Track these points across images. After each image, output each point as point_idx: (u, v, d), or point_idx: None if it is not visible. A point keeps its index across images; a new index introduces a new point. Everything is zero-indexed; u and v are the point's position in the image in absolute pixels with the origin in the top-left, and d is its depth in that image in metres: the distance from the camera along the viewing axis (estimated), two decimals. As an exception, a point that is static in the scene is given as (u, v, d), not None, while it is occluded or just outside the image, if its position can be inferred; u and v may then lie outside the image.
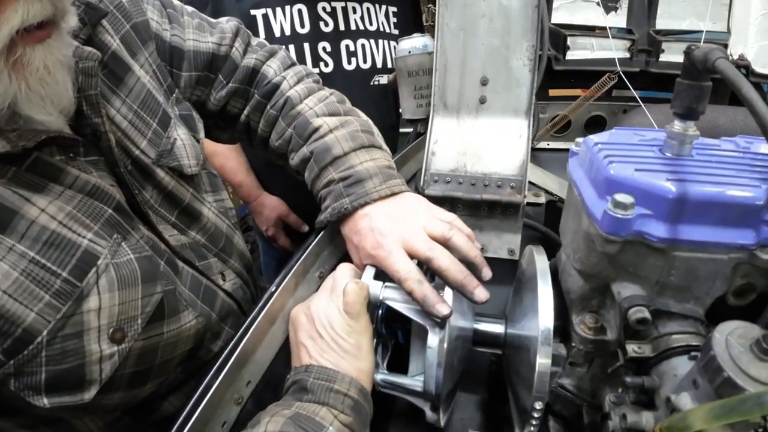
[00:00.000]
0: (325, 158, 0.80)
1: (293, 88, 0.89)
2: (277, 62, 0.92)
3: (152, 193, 0.70)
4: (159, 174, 0.71)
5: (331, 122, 0.84)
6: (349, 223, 0.76)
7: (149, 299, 0.62)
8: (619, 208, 0.49)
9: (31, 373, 0.53)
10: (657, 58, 1.42)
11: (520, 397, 0.62)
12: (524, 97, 0.96)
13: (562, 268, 0.67)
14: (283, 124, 0.87)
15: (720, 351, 0.38)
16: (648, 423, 0.46)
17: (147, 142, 0.69)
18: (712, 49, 0.47)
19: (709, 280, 0.52)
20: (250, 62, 0.88)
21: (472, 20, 0.95)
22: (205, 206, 0.81)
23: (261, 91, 0.89)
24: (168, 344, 0.66)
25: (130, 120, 0.67)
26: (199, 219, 0.79)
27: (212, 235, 0.82)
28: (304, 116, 0.85)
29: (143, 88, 0.70)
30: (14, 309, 0.51)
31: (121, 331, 0.58)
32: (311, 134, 0.84)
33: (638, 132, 0.63)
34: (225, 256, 0.84)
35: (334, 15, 1.35)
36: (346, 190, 0.76)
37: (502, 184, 0.93)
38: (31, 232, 0.53)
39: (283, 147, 0.88)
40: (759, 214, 0.49)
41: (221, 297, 0.80)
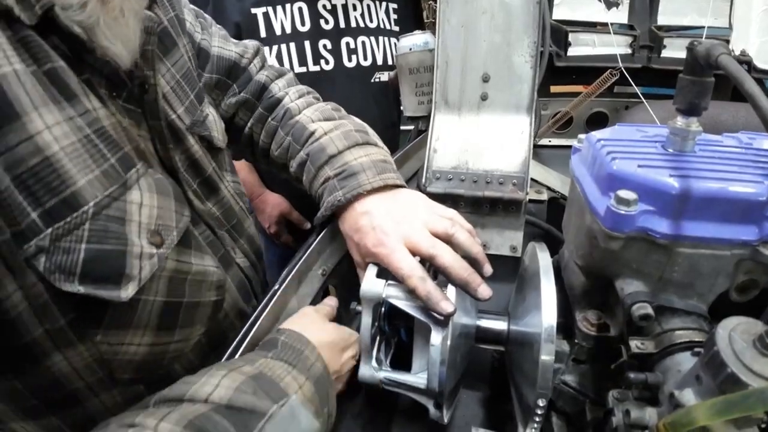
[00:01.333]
0: (321, 158, 0.83)
1: (294, 102, 0.95)
2: (283, 81, 0.99)
3: (181, 157, 0.71)
4: (190, 140, 0.73)
5: (326, 126, 0.88)
6: (349, 221, 0.76)
7: (181, 217, 0.62)
8: (621, 204, 0.49)
9: (68, 250, 0.49)
10: (659, 54, 1.42)
11: (524, 394, 0.62)
12: (526, 93, 0.95)
13: (564, 264, 0.67)
14: (282, 133, 0.92)
15: (723, 347, 0.38)
16: (651, 419, 0.46)
17: (184, 109, 0.73)
18: (714, 45, 0.47)
19: (712, 277, 0.51)
20: (261, 78, 0.95)
21: (474, 16, 0.95)
22: (223, 183, 0.83)
23: (265, 103, 0.95)
24: (194, 282, 0.64)
25: (172, 86, 0.71)
26: (218, 193, 0.80)
27: (227, 212, 0.82)
28: (301, 123, 0.90)
29: (185, 63, 0.75)
30: (68, 168, 0.48)
31: (159, 236, 0.57)
32: (307, 138, 0.87)
33: (641, 128, 0.63)
34: (236, 234, 0.85)
35: (334, 12, 1.35)
36: (340, 183, 0.78)
37: (504, 181, 0.92)
38: (87, 117, 0.52)
39: (283, 155, 0.92)
40: (762, 210, 0.48)
41: (235, 268, 0.81)
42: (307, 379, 0.58)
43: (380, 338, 0.72)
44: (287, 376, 0.56)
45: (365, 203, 0.75)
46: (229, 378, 0.52)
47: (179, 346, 0.64)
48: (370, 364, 0.69)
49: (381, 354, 0.72)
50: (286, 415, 0.52)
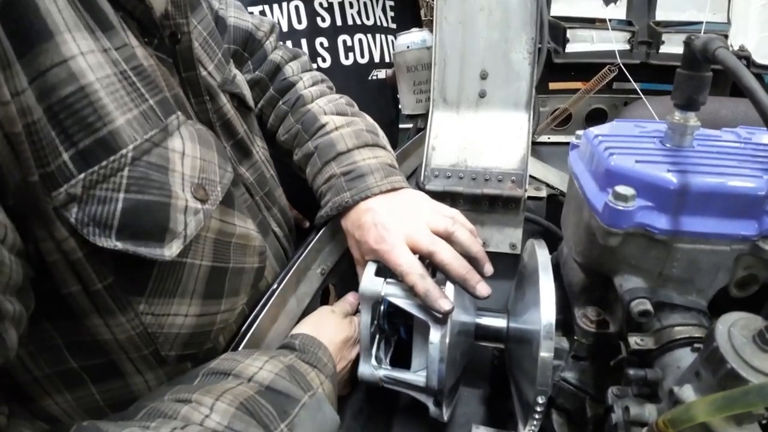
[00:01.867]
0: (329, 153, 0.82)
1: (308, 89, 0.94)
2: (297, 64, 0.97)
3: (214, 115, 0.67)
4: (222, 98, 0.70)
5: (337, 120, 0.87)
6: (352, 218, 0.76)
7: (224, 173, 0.57)
8: (620, 200, 0.49)
9: (103, 199, 0.42)
10: (657, 50, 1.42)
11: (523, 391, 0.62)
12: (524, 90, 0.95)
13: (563, 261, 0.67)
14: (292, 120, 0.91)
15: (723, 342, 0.38)
16: (651, 415, 0.46)
17: (214, 66, 0.70)
18: (712, 39, 0.47)
19: (712, 272, 0.51)
20: (276, 58, 0.94)
21: (471, 13, 0.94)
22: (255, 147, 0.80)
23: (277, 86, 0.93)
24: (239, 246, 0.60)
25: (200, 43, 0.68)
26: (250, 156, 0.77)
27: (260, 177, 0.79)
28: (312, 112, 0.89)
29: (210, 23, 0.73)
30: (105, 102, 0.43)
31: (204, 191, 0.52)
32: (317, 130, 0.86)
33: (639, 124, 0.62)
34: (269, 202, 0.81)
35: (330, 10, 1.35)
36: (347, 184, 0.77)
37: (502, 178, 0.92)
38: (124, 51, 0.47)
39: (289, 142, 0.91)
40: (761, 205, 0.48)
41: (272, 236, 0.79)
42: (327, 377, 0.60)
43: (380, 336, 0.72)
44: (311, 372, 0.58)
45: (369, 202, 0.76)
46: (271, 363, 0.54)
47: (225, 316, 0.59)
48: (369, 363, 0.69)
49: (380, 352, 0.72)
50: (315, 405, 0.53)
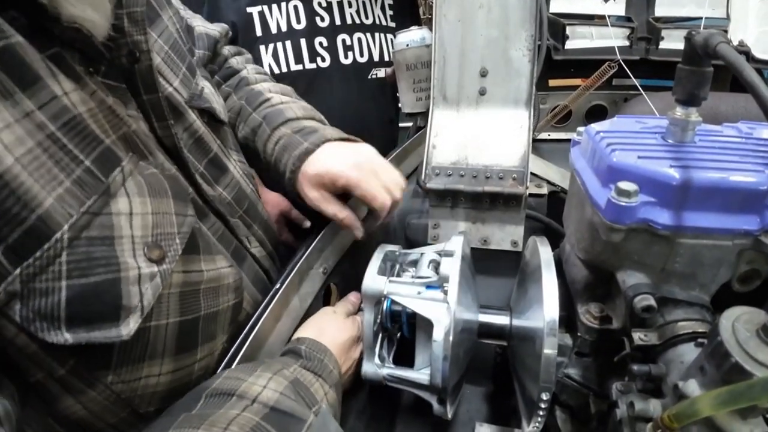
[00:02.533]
0: (278, 119, 0.83)
1: (252, 74, 0.95)
2: (242, 58, 1.00)
3: (183, 135, 0.63)
4: (191, 116, 0.66)
5: (283, 98, 0.90)
6: (312, 161, 0.78)
7: (183, 219, 0.52)
8: (622, 195, 0.49)
9: (46, 291, 0.39)
10: (657, 46, 1.42)
11: (527, 388, 0.62)
12: (524, 87, 0.95)
13: (566, 258, 0.67)
14: (235, 98, 0.91)
15: (727, 337, 0.38)
16: (656, 410, 0.46)
17: (179, 82, 0.66)
18: (712, 34, 0.46)
19: (714, 267, 0.51)
20: (222, 52, 0.96)
21: (470, 11, 0.94)
22: (231, 163, 0.76)
23: (222, 73, 0.94)
24: (209, 290, 0.56)
25: (162, 57, 0.64)
26: (226, 173, 0.74)
27: (238, 195, 0.75)
28: (257, 90, 0.91)
29: (171, 35, 0.68)
30: (29, 185, 0.38)
31: (160, 249, 0.47)
32: (261, 103, 0.88)
33: (640, 119, 0.62)
34: (249, 220, 0.78)
35: (329, 10, 1.35)
36: (304, 137, 0.80)
37: (503, 175, 0.92)
38: (52, 106, 0.42)
39: (232, 119, 0.89)
40: (763, 200, 0.48)
41: (250, 260, 0.75)
42: (330, 386, 0.60)
43: (383, 335, 0.72)
44: (316, 383, 0.58)
45: (328, 146, 0.79)
46: (275, 381, 0.52)
47: (204, 363, 0.57)
48: (372, 361, 0.69)
49: (384, 351, 0.72)
50: (320, 423, 0.52)
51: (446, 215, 0.96)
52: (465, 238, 0.72)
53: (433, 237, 0.98)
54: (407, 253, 0.76)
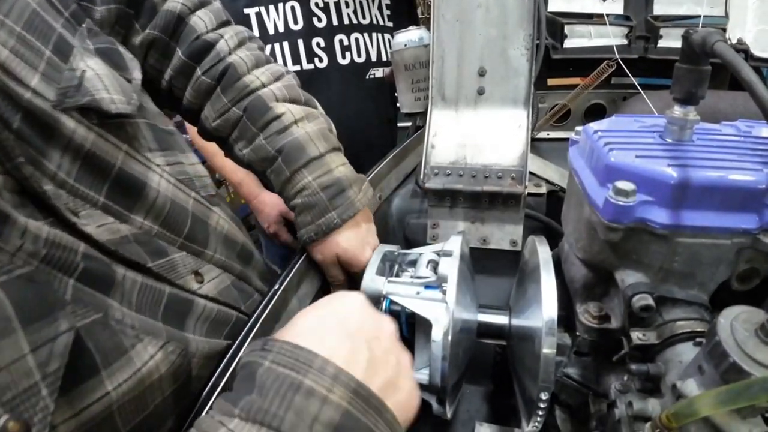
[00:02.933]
0: (299, 159, 0.70)
1: (235, 53, 0.73)
2: (209, 14, 0.73)
3: (61, 160, 0.45)
4: (66, 125, 0.46)
5: (295, 111, 0.72)
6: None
7: (49, 348, 0.35)
8: (620, 195, 0.49)
9: None
10: (655, 45, 1.42)
11: (526, 388, 0.62)
12: (522, 87, 0.95)
13: (564, 257, 0.67)
14: (225, 100, 0.72)
15: (725, 336, 0.38)
16: (654, 410, 0.46)
17: (40, 78, 0.45)
18: (710, 33, 0.46)
19: (713, 266, 0.51)
20: (174, 6, 0.69)
21: (468, 10, 0.94)
22: (153, 171, 0.56)
23: (188, 48, 0.70)
24: (126, 405, 0.43)
25: (12, 48, 0.44)
26: (144, 193, 0.53)
27: (169, 218, 0.56)
28: (259, 96, 0.71)
29: (27, 6, 0.47)
30: None
31: (20, 423, 0.32)
32: (270, 122, 0.71)
33: (638, 118, 0.62)
34: (197, 246, 0.60)
35: (327, 10, 1.35)
36: (331, 203, 0.71)
37: (502, 175, 0.92)
38: None
39: (225, 131, 0.73)
40: (762, 198, 0.48)
41: (200, 307, 0.57)
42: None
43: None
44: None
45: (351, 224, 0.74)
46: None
47: None
48: (371, 362, 0.69)
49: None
50: None
51: (445, 215, 0.96)
52: (464, 237, 0.72)
53: (432, 237, 0.98)
54: (406, 253, 0.76)
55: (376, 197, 0.96)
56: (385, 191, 1.02)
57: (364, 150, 1.35)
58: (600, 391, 0.59)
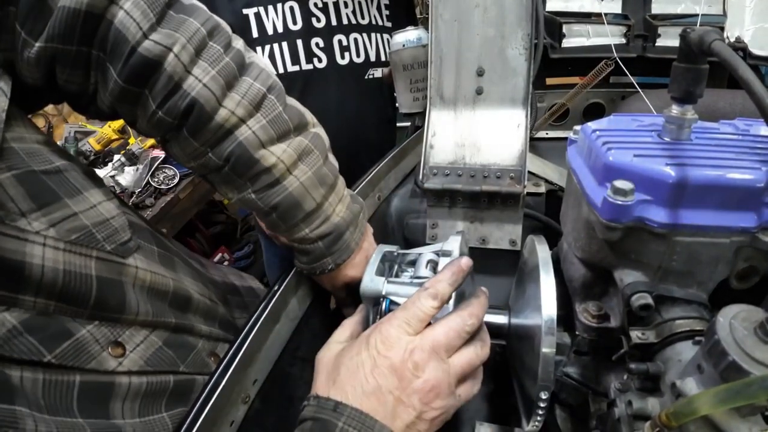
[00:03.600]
0: (296, 215, 0.64)
1: (193, 74, 0.54)
2: (141, 5, 0.50)
3: None
4: None
5: (286, 157, 0.61)
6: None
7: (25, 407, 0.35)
8: (618, 194, 0.49)
9: None
10: (654, 43, 1.42)
11: (526, 387, 0.62)
12: (521, 86, 0.95)
13: (563, 256, 0.67)
14: (196, 144, 0.58)
15: (724, 335, 0.38)
16: (654, 409, 0.46)
17: None
18: (707, 31, 0.46)
19: (712, 265, 0.51)
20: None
21: (466, 10, 0.94)
22: (30, 242, 0.45)
23: (124, 70, 0.51)
24: None
25: None
26: (24, 274, 0.44)
27: (66, 292, 0.47)
28: (240, 144, 0.58)
29: None
30: None
31: None
32: (259, 175, 0.61)
33: (636, 117, 0.62)
34: (111, 313, 0.51)
35: (325, 10, 1.35)
36: (328, 249, 0.69)
37: (501, 174, 0.92)
38: None
39: (204, 171, 0.63)
40: (760, 197, 0.48)
41: (124, 387, 0.50)
42: None
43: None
44: None
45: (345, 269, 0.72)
46: None
47: None
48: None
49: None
50: None
51: (444, 215, 0.96)
52: (463, 237, 0.72)
53: (431, 237, 0.98)
54: (405, 254, 0.76)
55: (375, 198, 0.96)
56: (384, 191, 1.02)
57: (363, 150, 1.35)
58: (600, 390, 0.59)
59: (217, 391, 0.55)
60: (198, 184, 2.32)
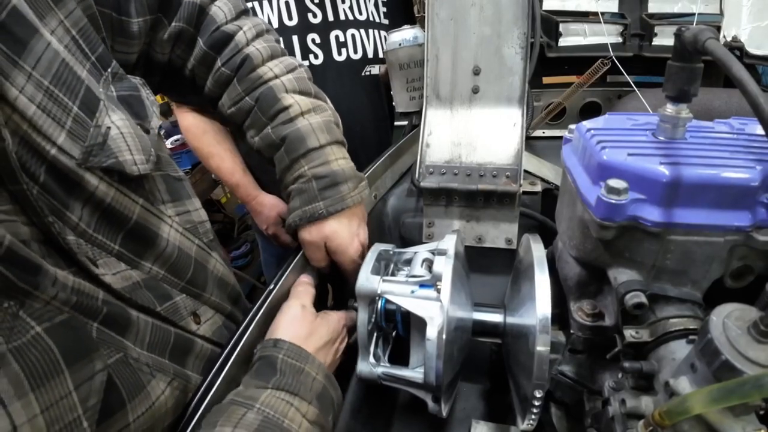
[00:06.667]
0: (298, 149, 0.74)
1: (252, 44, 0.76)
2: (228, 5, 0.76)
3: (82, 212, 0.49)
4: (89, 182, 0.49)
5: (303, 103, 0.75)
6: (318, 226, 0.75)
7: (89, 385, 0.42)
8: (612, 193, 0.49)
9: None
10: (650, 42, 1.42)
11: (521, 386, 0.62)
12: (517, 85, 0.95)
13: (558, 255, 0.67)
14: (239, 89, 0.75)
15: (717, 334, 0.38)
16: (647, 407, 0.46)
17: (67, 135, 0.47)
18: (702, 30, 0.46)
19: (706, 263, 0.51)
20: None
21: (462, 9, 0.94)
22: (164, 222, 0.61)
23: (208, 39, 0.74)
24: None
25: (40, 103, 0.45)
26: (156, 243, 0.58)
27: (175, 264, 0.62)
28: (270, 87, 0.75)
29: (56, 56, 0.48)
30: None
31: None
32: (278, 113, 0.75)
33: (631, 117, 0.62)
34: (196, 289, 0.65)
35: (322, 6, 1.34)
36: (321, 193, 0.73)
37: (497, 173, 0.92)
38: None
39: (238, 118, 0.78)
40: (754, 196, 0.48)
41: (199, 346, 0.63)
42: (310, 403, 0.57)
43: (378, 334, 0.72)
44: (290, 410, 0.55)
45: (339, 215, 0.75)
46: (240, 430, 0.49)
47: None
48: (368, 360, 0.69)
49: (379, 350, 0.72)
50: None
51: (440, 214, 0.96)
52: (458, 236, 0.72)
53: (427, 235, 0.98)
54: (401, 252, 0.77)
55: (371, 196, 0.96)
56: (380, 190, 1.02)
57: (361, 147, 1.35)
58: (594, 388, 0.59)
59: (213, 389, 0.56)
60: (194, 184, 2.31)
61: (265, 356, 0.59)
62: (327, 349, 0.66)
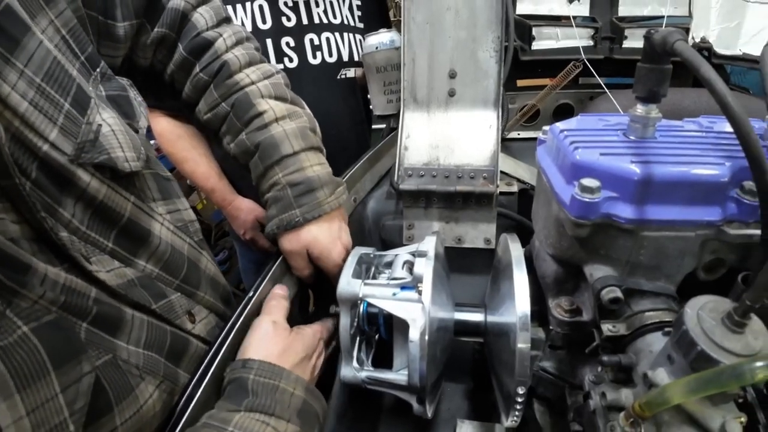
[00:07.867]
0: (272, 156, 0.73)
1: (231, 51, 0.76)
2: (209, 12, 0.76)
3: (74, 209, 0.49)
4: (82, 178, 0.49)
5: (278, 109, 0.75)
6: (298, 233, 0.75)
7: (76, 388, 0.41)
8: (586, 192, 0.50)
9: None
10: (620, 45, 1.45)
11: (504, 383, 0.63)
12: (492, 88, 0.96)
13: (536, 254, 0.68)
14: (216, 95, 0.75)
15: (692, 325, 0.39)
16: (627, 399, 0.47)
17: (59, 132, 0.47)
18: (670, 32, 0.48)
19: (679, 258, 0.53)
20: (178, 4, 0.72)
21: (438, 13, 0.95)
22: (155, 220, 0.61)
23: (188, 45, 0.74)
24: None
25: (32, 100, 0.45)
26: (149, 240, 0.59)
27: (169, 263, 0.62)
28: (246, 93, 0.75)
29: (48, 54, 0.49)
30: None
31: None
32: (252, 118, 0.74)
33: (603, 117, 0.64)
34: (190, 288, 0.66)
35: (296, 9, 1.34)
36: (296, 200, 0.73)
37: (474, 175, 0.93)
38: None
39: (215, 124, 0.78)
40: (724, 191, 0.50)
41: (194, 347, 0.63)
42: (289, 420, 0.56)
43: (360, 338, 0.72)
44: (266, 430, 0.53)
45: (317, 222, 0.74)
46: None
47: None
48: (351, 365, 0.69)
49: (362, 354, 0.72)
50: None
51: (420, 216, 0.97)
52: (438, 237, 0.73)
53: (408, 237, 0.98)
54: (382, 255, 0.77)
55: (351, 200, 0.96)
56: (360, 194, 1.03)
57: (339, 151, 1.34)
58: (576, 383, 0.60)
59: (195, 398, 0.55)
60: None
61: (234, 379, 0.57)
62: (304, 365, 0.64)
